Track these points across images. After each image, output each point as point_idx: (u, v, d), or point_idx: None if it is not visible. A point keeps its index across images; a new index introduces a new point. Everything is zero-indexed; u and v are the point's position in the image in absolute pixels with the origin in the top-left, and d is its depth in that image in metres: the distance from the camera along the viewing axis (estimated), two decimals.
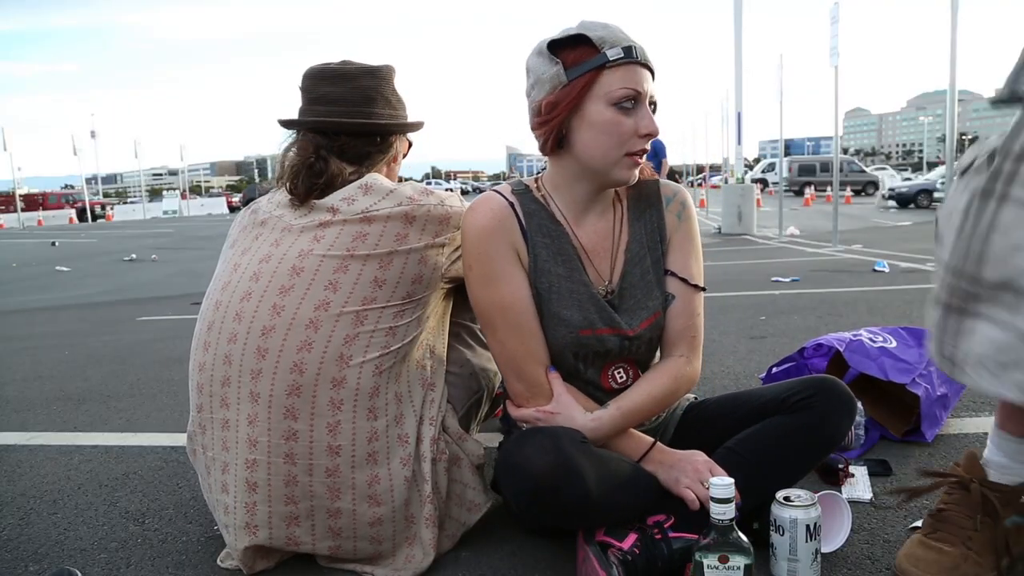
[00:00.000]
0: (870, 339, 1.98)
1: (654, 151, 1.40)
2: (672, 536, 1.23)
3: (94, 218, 33.58)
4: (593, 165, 1.30)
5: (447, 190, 1.75)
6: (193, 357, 1.42)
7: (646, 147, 1.29)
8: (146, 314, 5.46)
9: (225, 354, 1.34)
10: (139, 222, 30.22)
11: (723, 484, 1.08)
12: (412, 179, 1.89)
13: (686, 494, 1.25)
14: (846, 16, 8.32)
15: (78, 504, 1.79)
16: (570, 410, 1.31)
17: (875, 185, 26.81)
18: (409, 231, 1.38)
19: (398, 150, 1.57)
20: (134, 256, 11.56)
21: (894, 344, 1.97)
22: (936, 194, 16.96)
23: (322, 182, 1.41)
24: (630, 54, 1.25)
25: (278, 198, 1.47)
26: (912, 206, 18.00)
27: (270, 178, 1.56)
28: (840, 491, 1.55)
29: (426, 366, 1.44)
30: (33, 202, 38.48)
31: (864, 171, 29.49)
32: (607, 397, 1.37)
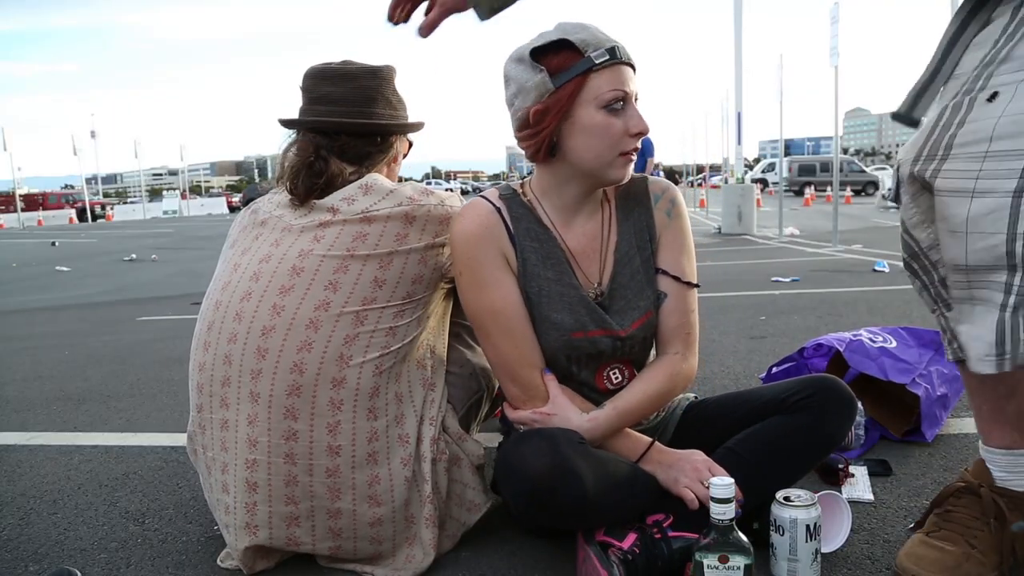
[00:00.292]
0: (870, 339, 1.98)
1: (642, 150, 1.41)
2: (672, 535, 1.23)
3: (94, 218, 33.58)
4: (587, 168, 1.30)
5: (447, 190, 1.75)
6: (193, 357, 1.42)
7: (638, 145, 1.29)
8: (146, 314, 5.46)
9: (225, 354, 1.34)
10: (139, 222, 30.22)
11: (723, 484, 1.08)
12: (412, 179, 1.89)
13: (685, 494, 1.25)
14: (846, 16, 8.33)
15: (78, 504, 1.79)
16: (566, 411, 1.31)
17: (875, 185, 26.79)
18: (409, 231, 1.38)
19: (398, 150, 1.57)
20: (134, 256, 11.56)
21: (894, 344, 1.97)
22: None
23: (322, 182, 1.41)
24: (615, 55, 1.24)
25: (278, 198, 1.47)
26: None
27: (270, 178, 1.56)
28: (840, 491, 1.55)
29: (426, 366, 1.44)
30: (33, 202, 38.48)
31: (864, 171, 29.47)
32: (603, 398, 1.36)
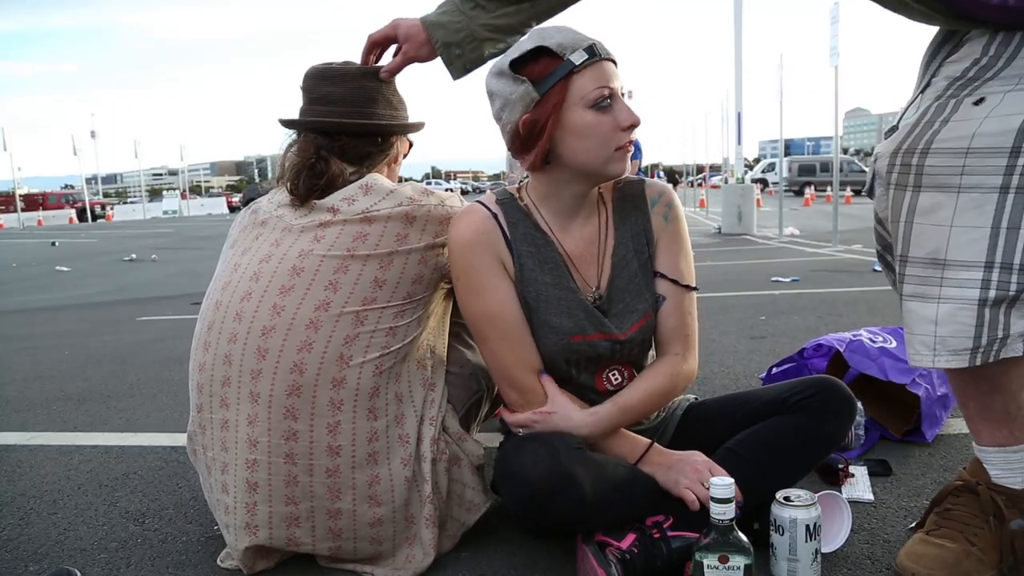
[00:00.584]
0: (870, 339, 1.98)
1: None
2: (671, 535, 1.23)
3: (94, 218, 33.58)
4: (586, 169, 1.30)
5: (447, 190, 1.75)
6: (193, 357, 1.42)
7: (632, 137, 1.29)
8: (146, 314, 5.46)
9: (225, 354, 1.34)
10: (139, 222, 30.23)
11: (723, 484, 1.08)
12: (412, 179, 1.89)
13: (686, 495, 1.25)
14: (846, 16, 8.32)
15: (78, 504, 1.79)
16: (566, 409, 1.31)
17: None
18: (409, 231, 1.38)
19: (399, 151, 1.57)
20: (134, 256, 11.56)
21: (894, 344, 1.97)
22: None
23: (323, 183, 1.41)
24: (594, 53, 1.25)
25: (278, 198, 1.47)
26: None
27: (270, 178, 1.56)
28: (840, 491, 1.55)
29: (426, 366, 1.44)
30: (33, 202, 38.48)
31: (864, 171, 29.41)
32: (603, 399, 1.36)
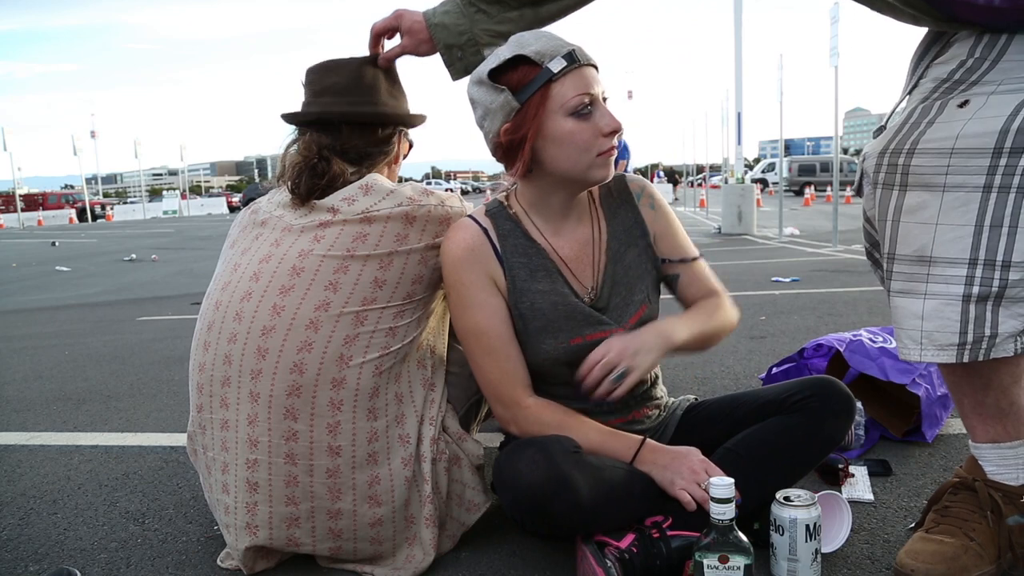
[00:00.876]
0: (870, 339, 1.98)
1: (619, 154, 1.43)
2: (671, 534, 1.23)
3: (94, 218, 33.58)
4: (569, 176, 1.30)
5: (447, 190, 1.74)
6: (193, 357, 1.42)
7: (614, 142, 1.29)
8: (146, 314, 5.46)
9: (225, 354, 1.34)
10: (139, 222, 30.23)
11: (723, 484, 1.08)
12: (412, 179, 1.89)
13: (682, 496, 1.25)
14: (846, 16, 8.32)
15: (78, 504, 1.79)
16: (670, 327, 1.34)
17: None
18: (409, 232, 1.38)
19: (399, 151, 1.57)
20: (134, 256, 11.56)
21: (894, 344, 1.96)
22: None
23: (324, 183, 1.41)
24: (572, 59, 1.24)
25: (278, 198, 1.47)
26: None
27: (270, 178, 1.56)
28: (840, 491, 1.55)
29: (426, 366, 1.44)
30: (33, 202, 38.48)
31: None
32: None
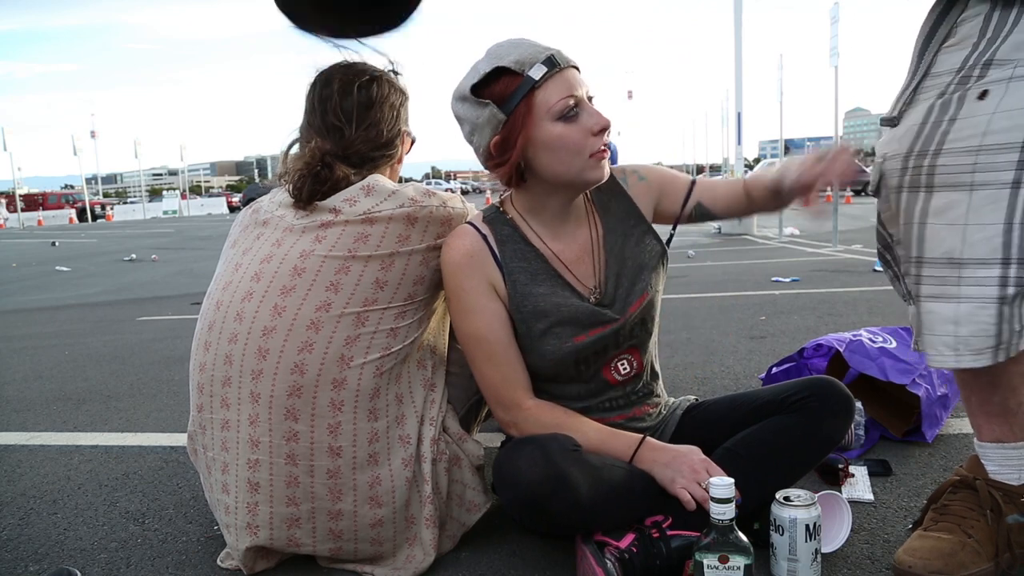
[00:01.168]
0: (870, 339, 1.98)
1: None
2: (670, 534, 1.23)
3: (94, 218, 33.60)
4: (563, 180, 1.31)
5: (447, 190, 1.74)
6: (194, 357, 1.42)
7: (606, 140, 1.29)
8: (146, 314, 5.46)
9: (226, 354, 1.34)
10: (139, 222, 30.24)
11: (723, 484, 1.08)
12: (413, 179, 1.89)
13: (682, 495, 1.25)
14: (846, 16, 8.32)
15: (78, 504, 1.79)
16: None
17: None
18: (411, 232, 1.38)
19: (401, 152, 1.57)
20: (134, 256, 11.55)
21: (894, 344, 1.97)
22: None
23: (326, 188, 1.41)
24: (553, 64, 1.25)
25: (279, 198, 1.47)
26: None
27: (270, 177, 1.55)
28: (840, 491, 1.55)
29: (427, 366, 1.44)
30: (33, 202, 38.48)
31: (865, 171, 29.42)
32: (614, 391, 1.40)
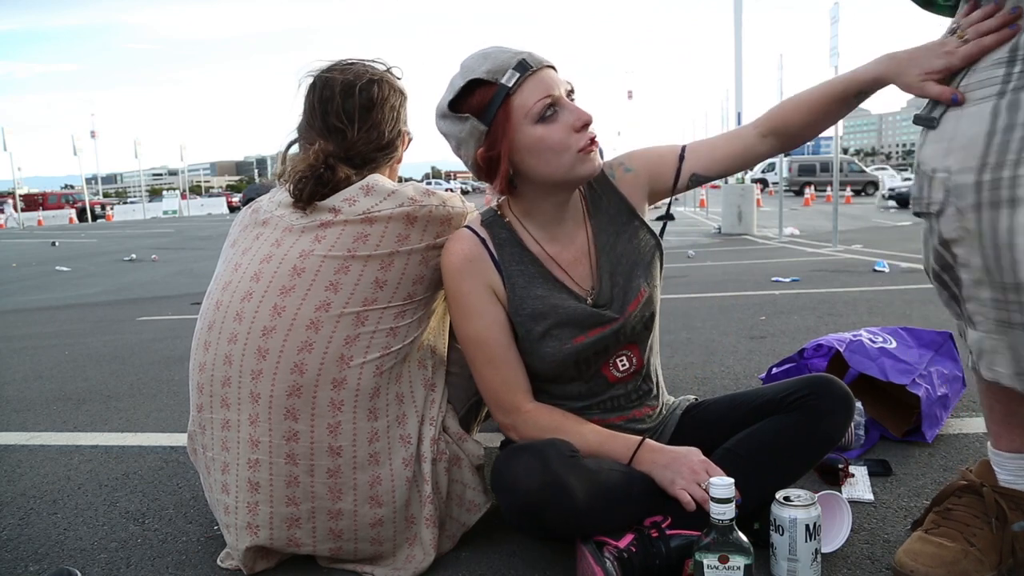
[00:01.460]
0: (870, 339, 1.98)
1: None
2: (670, 533, 1.23)
3: (94, 218, 33.59)
4: (553, 180, 1.31)
5: (447, 190, 1.74)
6: (193, 357, 1.42)
7: (591, 134, 1.29)
8: (146, 314, 5.46)
9: (225, 354, 1.34)
10: (139, 222, 30.23)
11: (723, 484, 1.08)
12: (413, 179, 1.89)
13: (682, 496, 1.25)
14: (846, 16, 8.32)
15: (78, 504, 1.79)
16: None
17: (875, 185, 26.81)
18: (411, 232, 1.38)
19: (401, 152, 1.57)
20: (134, 256, 11.56)
21: (894, 345, 1.97)
22: None
23: (327, 190, 1.41)
24: (524, 68, 1.25)
25: (279, 197, 1.47)
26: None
27: (270, 176, 1.55)
28: (840, 491, 1.55)
29: (427, 366, 1.44)
30: (33, 202, 38.47)
31: (864, 171, 29.48)
32: (614, 389, 1.40)
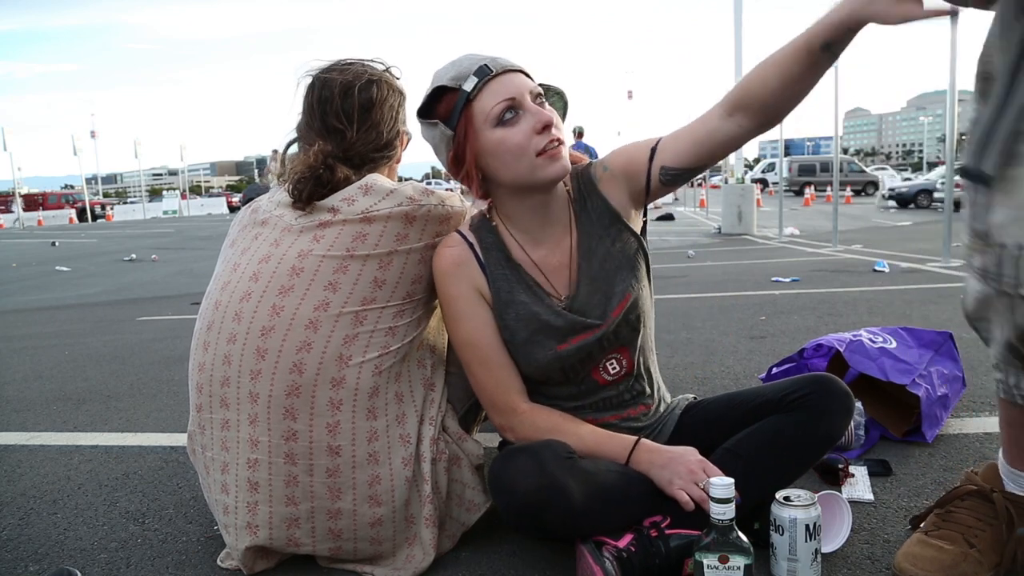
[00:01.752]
0: (870, 339, 1.98)
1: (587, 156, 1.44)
2: (669, 533, 1.23)
3: (94, 218, 33.61)
4: (517, 183, 1.32)
5: (447, 190, 1.74)
6: (193, 357, 1.42)
7: (554, 137, 1.28)
8: (146, 314, 5.46)
9: (224, 354, 1.34)
10: (139, 222, 30.25)
11: (723, 484, 1.08)
12: (412, 179, 1.89)
13: (680, 496, 1.25)
14: None
15: (78, 504, 1.79)
16: None
17: (875, 185, 26.81)
18: (409, 231, 1.38)
19: (400, 152, 1.57)
20: (134, 256, 11.56)
21: (894, 345, 1.97)
22: (936, 194, 16.91)
23: (326, 190, 1.41)
24: (484, 73, 1.28)
25: (278, 197, 1.47)
26: (912, 206, 17.99)
27: (269, 176, 1.55)
28: (840, 491, 1.54)
29: (426, 366, 1.44)
30: (33, 202, 38.47)
31: (864, 171, 29.47)
32: (604, 392, 1.40)
